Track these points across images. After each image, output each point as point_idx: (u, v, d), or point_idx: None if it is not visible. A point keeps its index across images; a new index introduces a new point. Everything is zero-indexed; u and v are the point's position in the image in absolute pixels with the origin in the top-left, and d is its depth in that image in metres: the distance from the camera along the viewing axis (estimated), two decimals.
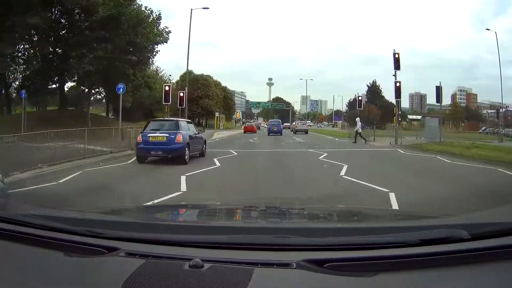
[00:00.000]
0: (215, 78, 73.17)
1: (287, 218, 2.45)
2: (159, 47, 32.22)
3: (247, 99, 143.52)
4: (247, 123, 71.14)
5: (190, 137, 13.38)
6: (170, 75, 51.68)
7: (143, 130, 13.42)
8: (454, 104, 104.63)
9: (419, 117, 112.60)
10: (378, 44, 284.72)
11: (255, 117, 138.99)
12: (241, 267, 1.29)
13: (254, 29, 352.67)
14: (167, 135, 12.67)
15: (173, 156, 12.39)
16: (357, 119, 27.53)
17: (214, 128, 57.42)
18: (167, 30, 32.13)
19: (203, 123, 52.96)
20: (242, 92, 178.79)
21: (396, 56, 25.48)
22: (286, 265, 1.31)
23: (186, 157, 12.49)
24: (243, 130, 50.29)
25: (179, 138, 12.53)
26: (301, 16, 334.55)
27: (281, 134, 39.76)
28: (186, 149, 12.58)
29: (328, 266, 1.30)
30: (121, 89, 18.34)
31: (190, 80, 64.45)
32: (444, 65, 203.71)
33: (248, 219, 2.39)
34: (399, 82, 25.22)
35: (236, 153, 16.47)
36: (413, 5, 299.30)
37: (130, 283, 1.21)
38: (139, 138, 12.92)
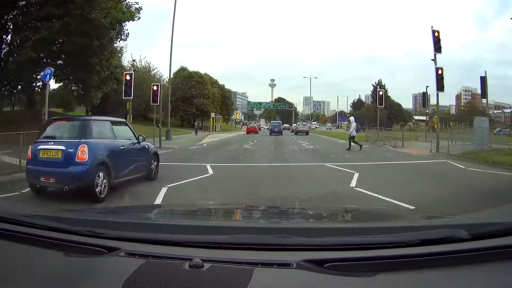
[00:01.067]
0: (217, 79, 68.40)
1: (287, 218, 2.42)
2: (129, 26, 25.81)
3: (249, 100, 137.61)
4: (250, 124, 72.76)
5: (116, 150, 7.76)
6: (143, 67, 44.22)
7: (37, 138, 7.68)
8: (469, 104, 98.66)
9: (424, 117, 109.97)
10: (380, 45, 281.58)
11: (257, 118, 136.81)
12: (241, 267, 1.28)
13: (255, 30, 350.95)
14: (63, 148, 6.64)
15: (72, 188, 6.39)
16: (351, 118, 21.30)
17: (209, 130, 51.83)
18: (137, 6, 25.61)
19: (196, 124, 45.88)
20: (243, 93, 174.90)
21: (436, 34, 19.21)
22: (286, 265, 1.30)
23: (98, 189, 6.87)
24: (246, 131, 53.14)
25: (82, 154, 6.59)
26: (302, 17, 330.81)
27: (281, 134, 43.50)
28: (101, 174, 6.96)
29: (328, 266, 1.29)
30: (48, 76, 12.40)
31: (184, 77, 59.27)
32: (446, 65, 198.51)
33: (248, 219, 2.37)
34: (441, 69, 18.89)
35: (212, 172, 10.31)
36: (415, 5, 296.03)
37: (130, 283, 1.20)
38: (29, 153, 7.47)
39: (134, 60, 36.34)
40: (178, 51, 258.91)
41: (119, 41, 25.95)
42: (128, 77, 16.63)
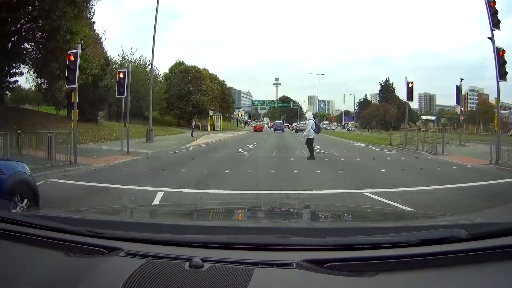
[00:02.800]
0: (216, 75, 64.41)
1: (287, 218, 2.40)
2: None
3: (253, 99, 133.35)
4: (256, 123, 78.52)
5: None
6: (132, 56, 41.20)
7: None
8: (484, 103, 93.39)
9: (432, 117, 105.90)
10: (386, 46, 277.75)
11: (261, 117, 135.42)
12: (241, 267, 1.26)
13: (261, 31, 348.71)
14: None
15: None
16: (308, 114, 16.45)
17: (207, 130, 46.87)
18: None
19: (194, 123, 40.05)
20: (247, 91, 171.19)
21: (492, 5, 14.27)
22: (286, 265, 1.28)
23: None
24: (253, 129, 62.40)
25: None
26: (307, 19, 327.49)
27: (282, 131, 53.20)
28: None
29: (328, 266, 1.28)
30: None
31: (180, 72, 54.78)
32: (452, 66, 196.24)
33: (248, 219, 2.34)
34: (503, 51, 13.92)
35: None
36: (421, 6, 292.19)
37: (130, 283, 1.19)
38: None
39: (85, 36, 25.64)
40: (185, 50, 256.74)
41: (83, 19, 20.61)
42: (72, 58, 11.92)
